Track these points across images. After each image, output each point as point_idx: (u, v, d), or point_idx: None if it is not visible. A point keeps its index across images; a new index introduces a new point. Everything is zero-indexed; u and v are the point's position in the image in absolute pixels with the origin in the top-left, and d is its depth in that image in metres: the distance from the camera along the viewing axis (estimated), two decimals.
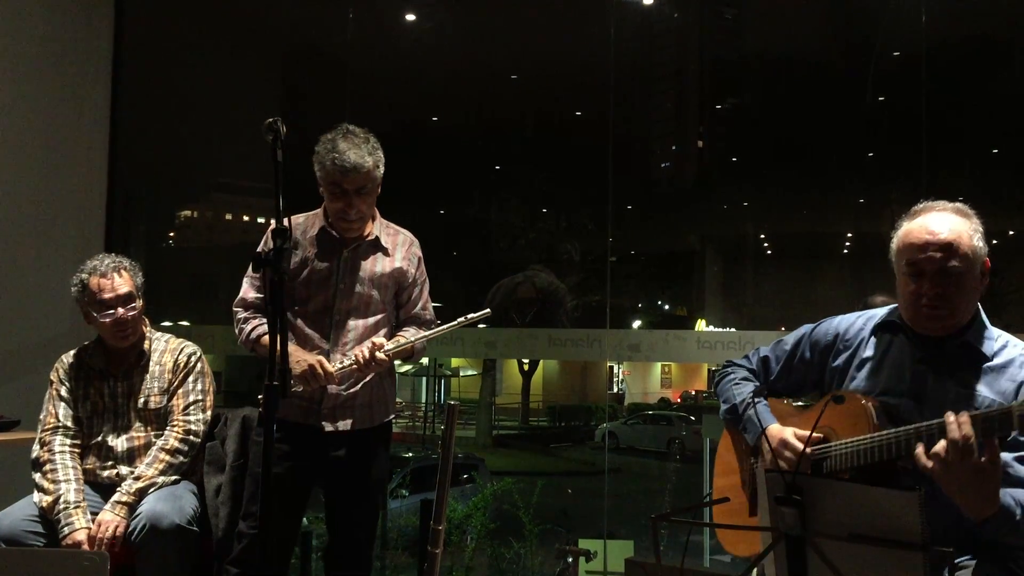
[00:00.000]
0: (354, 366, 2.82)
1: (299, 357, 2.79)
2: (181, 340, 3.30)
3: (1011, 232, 6.78)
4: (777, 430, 2.26)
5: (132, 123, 5.20)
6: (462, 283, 2.66)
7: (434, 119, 7.21)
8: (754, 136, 7.03)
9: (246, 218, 7.60)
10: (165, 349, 3.23)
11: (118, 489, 2.95)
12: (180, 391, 3.17)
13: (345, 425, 2.92)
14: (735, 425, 2.45)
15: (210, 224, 7.94)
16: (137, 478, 2.96)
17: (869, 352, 2.28)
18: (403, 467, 8.42)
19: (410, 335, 2.94)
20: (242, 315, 3.00)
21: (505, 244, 10.69)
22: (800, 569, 1.63)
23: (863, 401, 2.14)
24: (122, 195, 5.13)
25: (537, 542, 5.13)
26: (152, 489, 2.96)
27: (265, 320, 2.94)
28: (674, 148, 9.45)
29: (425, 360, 13.74)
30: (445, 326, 2.94)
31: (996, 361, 2.13)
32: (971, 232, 2.13)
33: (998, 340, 2.17)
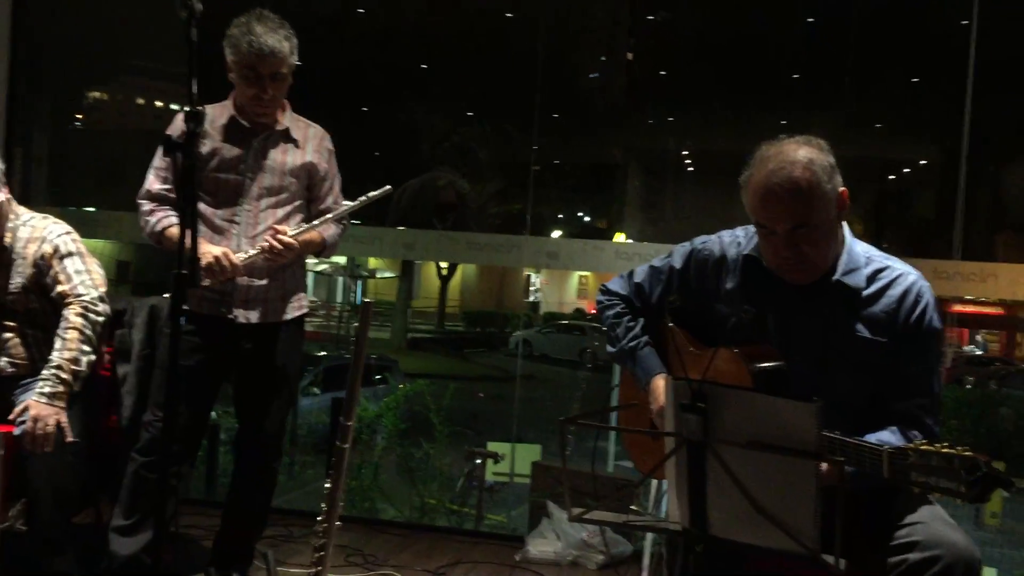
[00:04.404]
0: (262, 255, 2.79)
1: (204, 249, 2.71)
2: (46, 223, 2.97)
3: (923, 162, 6.96)
4: (660, 385, 2.21)
5: None
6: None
7: (359, 10, 6.97)
8: (683, 51, 6.98)
9: (159, 103, 7.28)
10: (29, 238, 2.94)
11: (42, 380, 2.74)
12: (61, 278, 2.89)
13: (257, 316, 2.90)
14: (624, 366, 2.42)
15: (120, 107, 7.60)
16: (58, 367, 2.75)
17: (731, 284, 2.20)
18: (315, 366, 8.43)
19: (315, 222, 2.91)
20: (147, 207, 2.91)
21: (428, 146, 10.56)
22: (699, 475, 1.68)
23: (739, 360, 2.05)
24: (25, 70, 4.85)
25: (447, 443, 5.20)
26: (81, 367, 2.78)
27: (171, 212, 2.86)
28: (603, 59, 9.35)
29: (342, 260, 13.62)
30: (347, 207, 2.95)
31: (871, 290, 2.06)
32: (820, 177, 1.97)
33: (868, 266, 2.09)
